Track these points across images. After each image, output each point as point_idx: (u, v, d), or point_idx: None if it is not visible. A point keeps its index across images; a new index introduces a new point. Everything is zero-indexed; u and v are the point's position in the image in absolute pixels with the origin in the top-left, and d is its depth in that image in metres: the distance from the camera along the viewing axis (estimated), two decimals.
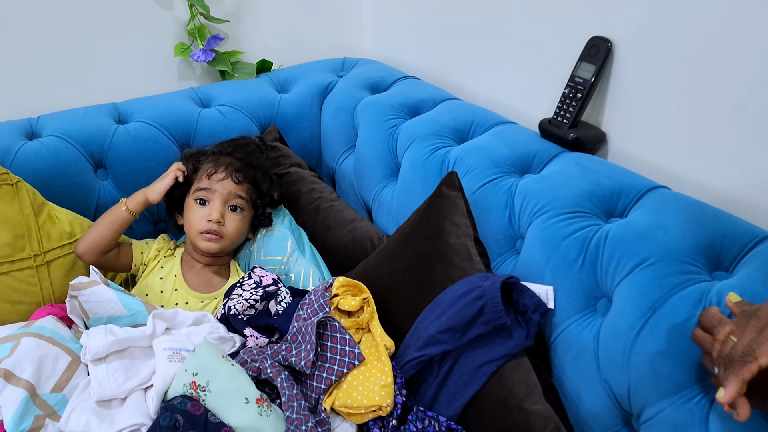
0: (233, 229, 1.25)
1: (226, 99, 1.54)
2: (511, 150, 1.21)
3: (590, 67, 1.18)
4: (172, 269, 1.27)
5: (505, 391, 0.95)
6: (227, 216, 1.24)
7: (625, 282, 0.92)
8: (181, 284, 1.26)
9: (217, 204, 1.23)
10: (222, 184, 1.24)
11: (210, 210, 1.23)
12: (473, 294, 0.96)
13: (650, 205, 1.00)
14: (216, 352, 0.99)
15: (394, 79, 1.60)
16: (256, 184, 1.29)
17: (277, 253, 1.29)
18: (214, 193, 1.24)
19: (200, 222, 1.23)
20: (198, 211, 1.24)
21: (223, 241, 1.24)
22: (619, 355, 0.89)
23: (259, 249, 1.30)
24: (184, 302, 1.24)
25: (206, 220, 1.22)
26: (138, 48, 1.59)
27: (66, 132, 1.36)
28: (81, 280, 1.11)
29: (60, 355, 1.03)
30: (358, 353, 1.01)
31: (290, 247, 1.29)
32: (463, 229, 1.06)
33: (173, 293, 1.25)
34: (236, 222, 1.25)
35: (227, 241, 1.25)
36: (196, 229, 1.24)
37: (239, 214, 1.26)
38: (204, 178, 1.25)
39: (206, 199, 1.24)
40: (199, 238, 1.24)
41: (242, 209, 1.26)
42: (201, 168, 1.27)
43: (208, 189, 1.24)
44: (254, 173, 1.30)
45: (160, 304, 1.24)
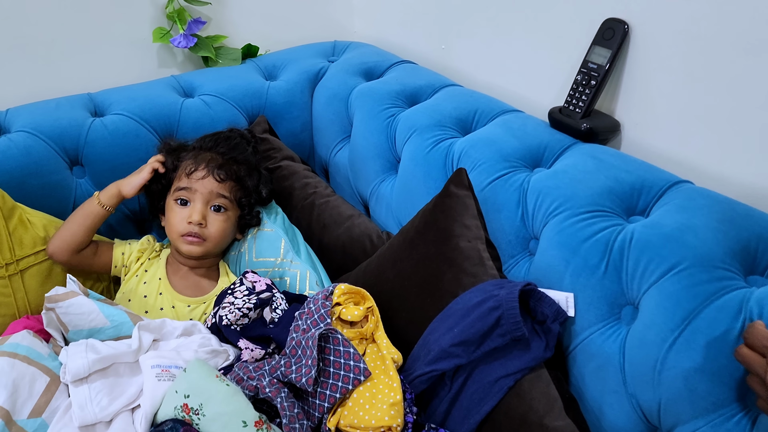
0: (216, 230, 1.16)
1: (210, 88, 1.44)
2: (520, 142, 1.13)
3: (605, 52, 1.10)
4: (157, 272, 1.19)
5: (524, 406, 0.88)
6: (210, 217, 1.15)
7: (654, 289, 0.85)
8: (166, 287, 1.17)
9: (198, 205, 1.14)
10: (203, 183, 1.15)
11: (190, 211, 1.14)
12: (488, 304, 0.88)
13: (675, 203, 0.93)
14: (209, 371, 0.91)
15: (389, 64, 1.50)
16: (241, 181, 1.20)
17: (270, 254, 1.20)
18: (194, 192, 1.15)
19: (181, 224, 1.14)
20: (178, 213, 1.15)
21: (206, 244, 1.16)
22: (649, 369, 0.83)
23: (250, 250, 1.22)
24: (170, 306, 1.15)
25: (187, 222, 1.14)
26: (113, 33, 1.48)
27: (37, 127, 1.25)
28: (57, 291, 1.02)
29: (37, 376, 0.94)
30: (364, 368, 0.93)
31: (284, 247, 1.21)
32: (474, 231, 0.98)
33: (158, 297, 1.17)
34: (219, 223, 1.16)
35: (210, 243, 1.16)
36: (176, 231, 1.15)
37: (223, 215, 1.17)
38: (183, 176, 1.16)
39: (187, 200, 1.15)
40: (181, 241, 1.15)
41: (226, 209, 1.17)
42: (180, 165, 1.18)
43: (188, 188, 1.15)
44: (238, 169, 1.20)
45: (144, 310, 1.16)
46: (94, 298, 1.04)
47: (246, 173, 1.21)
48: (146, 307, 1.16)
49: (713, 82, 0.99)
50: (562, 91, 1.24)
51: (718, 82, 0.98)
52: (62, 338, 1.05)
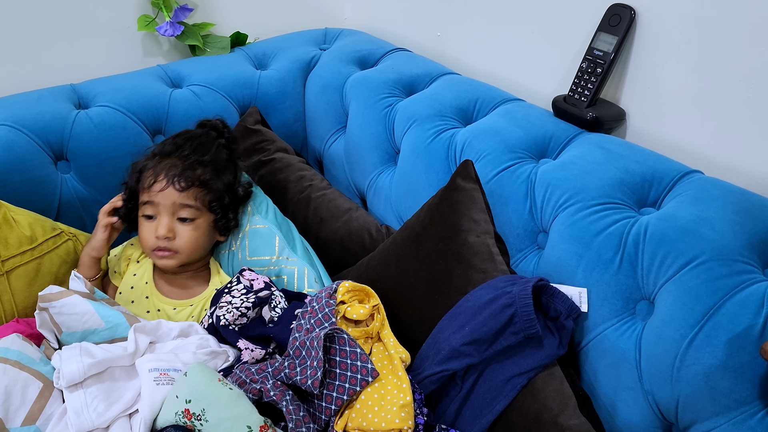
0: (186, 242, 1.09)
1: (199, 78, 1.38)
2: (525, 132, 1.10)
3: (611, 39, 1.07)
4: (144, 275, 1.14)
5: (538, 405, 0.86)
6: (177, 228, 1.08)
7: (672, 284, 0.82)
8: (152, 291, 1.13)
9: (163, 218, 1.08)
10: (164, 195, 1.07)
11: (156, 225, 1.08)
12: (501, 301, 0.86)
13: (688, 194, 0.91)
14: (211, 375, 0.87)
15: (384, 52, 1.46)
16: (207, 184, 1.09)
17: (265, 252, 1.16)
18: (157, 206, 1.08)
19: (149, 239, 1.08)
20: (146, 228, 1.09)
21: (178, 256, 1.10)
22: (667, 366, 0.81)
23: (243, 248, 1.17)
24: (155, 309, 1.11)
25: (154, 237, 1.08)
26: (96, 21, 1.42)
27: (19, 120, 1.19)
28: (51, 290, 0.98)
29: (29, 382, 0.90)
30: (372, 369, 0.90)
31: (279, 244, 1.16)
32: (483, 225, 0.95)
33: (143, 301, 1.13)
34: (188, 234, 1.09)
35: (183, 255, 1.10)
36: (147, 247, 1.10)
37: (190, 224, 1.09)
38: (145, 190, 1.09)
39: (152, 214, 1.09)
40: (154, 256, 1.10)
41: (194, 218, 1.09)
42: (143, 177, 1.10)
43: (151, 202, 1.08)
44: (203, 173, 1.09)
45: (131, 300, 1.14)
46: (99, 297, 1.00)
47: (213, 175, 1.10)
48: (132, 310, 1.12)
49: (724, 68, 0.97)
50: (564, 80, 1.21)
51: (729, 68, 0.96)
52: (56, 340, 1.01)
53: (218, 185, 1.11)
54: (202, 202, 1.09)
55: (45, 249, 1.12)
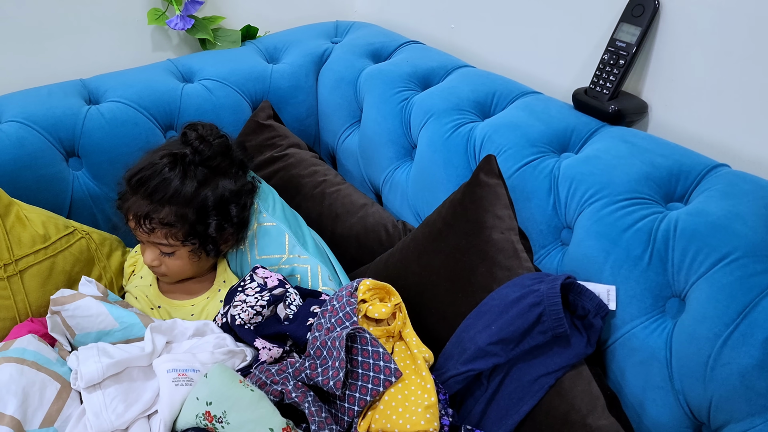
0: (171, 269, 1.09)
1: (210, 72, 1.36)
2: (546, 126, 1.08)
3: (634, 30, 1.05)
4: (148, 277, 1.15)
5: (566, 405, 0.84)
6: (162, 258, 1.08)
7: (704, 281, 0.81)
8: (155, 292, 1.13)
9: (148, 249, 1.07)
10: (138, 234, 1.06)
11: (143, 251, 1.09)
12: (528, 300, 0.84)
13: (717, 189, 0.89)
14: (232, 376, 0.86)
15: (397, 45, 1.44)
16: (172, 225, 1.03)
17: (274, 251, 1.13)
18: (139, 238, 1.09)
19: (146, 261, 1.09)
20: (141, 249, 1.11)
21: (170, 278, 1.11)
22: (700, 365, 0.79)
23: (251, 248, 1.14)
24: (157, 306, 1.11)
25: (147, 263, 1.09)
26: (105, 15, 1.39)
27: (29, 116, 1.17)
28: (63, 294, 0.96)
29: (47, 383, 0.88)
30: (395, 369, 0.88)
31: (289, 242, 1.13)
32: (507, 222, 0.93)
33: (145, 299, 1.12)
34: (172, 262, 1.08)
35: (174, 277, 1.11)
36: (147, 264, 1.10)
37: (172, 256, 1.07)
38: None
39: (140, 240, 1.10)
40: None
41: (173, 252, 1.06)
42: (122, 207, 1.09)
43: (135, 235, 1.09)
44: (166, 215, 1.02)
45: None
46: (112, 300, 0.99)
47: (178, 213, 1.02)
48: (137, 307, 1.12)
49: (750, 59, 0.95)
50: (583, 72, 1.19)
51: (756, 59, 0.94)
52: (68, 343, 0.99)
53: (187, 220, 1.03)
54: (174, 238, 1.04)
55: (58, 247, 1.11)
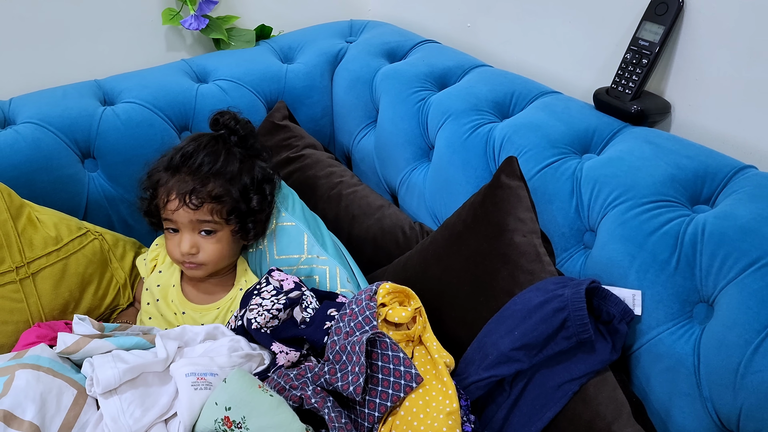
0: (210, 254, 1.06)
1: (225, 72, 1.35)
2: (567, 126, 1.06)
3: (657, 29, 1.03)
4: (171, 278, 1.12)
5: (590, 412, 0.83)
6: (200, 243, 1.05)
7: (734, 286, 0.79)
8: (177, 295, 1.11)
9: (185, 234, 1.05)
10: (180, 214, 1.03)
11: (179, 239, 1.05)
12: (552, 305, 0.82)
13: (745, 191, 0.87)
14: (251, 381, 0.84)
15: (413, 45, 1.42)
16: (220, 199, 1.04)
17: (293, 250, 1.12)
18: (177, 223, 1.05)
19: (175, 252, 1.06)
20: (171, 241, 1.07)
21: (205, 268, 1.07)
22: (730, 372, 0.77)
23: (270, 248, 1.13)
24: (180, 312, 1.09)
25: (180, 252, 1.05)
26: (119, 15, 1.38)
27: (44, 117, 1.17)
28: (66, 343, 0.91)
29: (64, 389, 0.87)
30: (416, 374, 0.87)
31: (307, 242, 1.12)
32: (529, 225, 0.91)
33: (170, 304, 1.10)
34: (211, 246, 1.06)
35: (210, 266, 1.07)
36: (174, 259, 1.08)
37: (213, 237, 1.06)
38: (162, 208, 1.06)
39: (175, 228, 1.06)
40: (182, 267, 1.09)
41: (215, 231, 1.06)
42: (157, 194, 1.06)
43: (170, 220, 1.05)
44: (213, 188, 1.03)
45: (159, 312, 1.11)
46: (109, 329, 0.97)
47: (225, 187, 1.04)
48: (161, 311, 1.10)
49: None
50: (603, 71, 1.17)
51: None
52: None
53: (232, 196, 1.05)
54: (219, 215, 1.04)
55: (71, 249, 1.10)
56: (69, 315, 1.08)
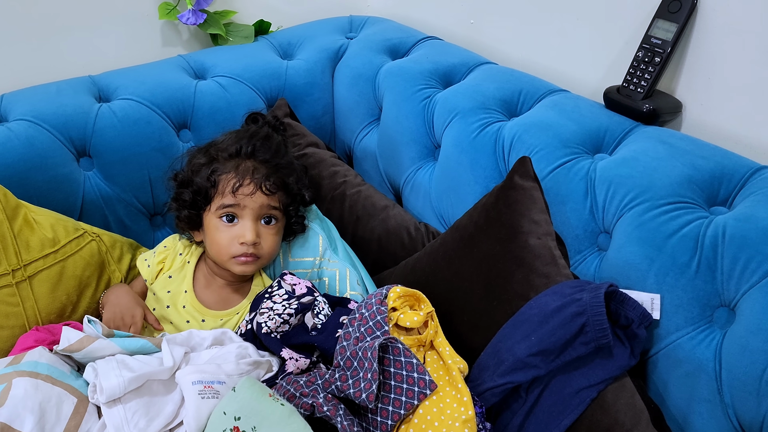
0: (270, 246, 1.03)
1: (224, 68, 1.32)
2: (578, 126, 1.04)
3: (670, 26, 1.01)
4: (182, 284, 1.07)
5: (609, 419, 0.81)
6: (261, 232, 1.03)
7: (757, 290, 0.77)
8: (191, 301, 1.06)
9: (249, 222, 1.01)
10: (252, 199, 1.01)
11: (242, 230, 1.01)
12: (570, 309, 0.80)
13: (764, 193, 0.86)
14: (262, 390, 0.82)
15: (415, 41, 1.40)
16: (288, 188, 1.06)
17: (308, 253, 1.10)
18: (243, 209, 1.01)
19: (231, 245, 1.01)
20: (227, 232, 1.01)
21: (260, 261, 1.04)
22: (754, 378, 0.75)
23: (285, 251, 1.11)
24: (199, 320, 1.04)
25: (239, 243, 1.01)
26: (114, 9, 1.35)
27: (39, 115, 1.13)
28: (70, 340, 0.88)
29: (63, 397, 0.84)
30: (430, 381, 0.84)
31: (322, 245, 1.10)
32: (544, 227, 0.89)
33: (181, 311, 1.06)
34: (272, 237, 1.04)
35: (265, 260, 1.05)
36: (228, 253, 1.02)
37: (274, 227, 1.04)
38: (228, 193, 1.01)
39: (234, 215, 1.02)
40: (233, 263, 1.02)
41: (277, 220, 1.05)
42: (221, 180, 1.02)
43: (236, 205, 1.01)
44: (285, 177, 1.06)
45: (168, 321, 1.06)
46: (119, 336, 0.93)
47: (291, 178, 1.07)
48: (170, 317, 1.06)
49: None
50: (612, 70, 1.15)
51: None
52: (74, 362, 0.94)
53: (294, 188, 1.07)
54: (282, 204, 1.05)
55: (68, 251, 1.06)
56: (66, 318, 1.04)
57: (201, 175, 1.03)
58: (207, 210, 1.04)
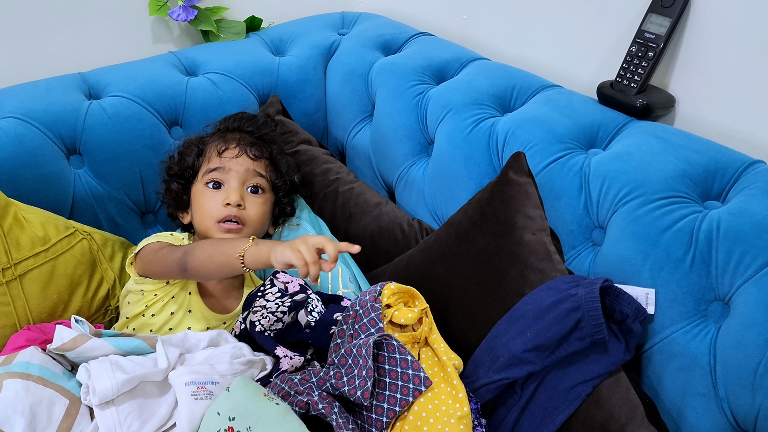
0: (255, 213, 1.03)
1: (215, 65, 1.31)
2: (572, 121, 1.04)
3: (663, 21, 1.01)
4: (187, 284, 1.04)
5: (603, 414, 0.81)
6: (247, 199, 1.03)
7: (751, 285, 0.77)
8: (198, 305, 1.04)
9: (234, 184, 1.02)
10: (237, 162, 1.03)
11: (226, 192, 1.01)
12: (566, 305, 0.80)
13: (757, 187, 0.86)
14: (256, 389, 0.81)
15: (408, 37, 1.39)
16: (274, 161, 1.09)
17: None
18: (228, 172, 1.02)
19: (216, 209, 1.01)
20: (212, 197, 1.02)
21: (245, 230, 1.02)
22: (748, 372, 0.75)
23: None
24: (205, 327, 1.03)
25: (223, 205, 1.00)
26: (103, 5, 1.33)
27: (28, 112, 1.11)
28: (63, 339, 0.87)
29: (55, 399, 0.83)
30: (425, 377, 0.84)
31: None
32: (538, 222, 0.89)
33: (186, 315, 1.03)
34: (258, 205, 1.03)
35: (250, 228, 1.03)
36: (212, 218, 1.01)
37: (261, 197, 1.05)
38: (214, 156, 1.04)
39: (220, 181, 1.03)
40: (217, 229, 1.01)
41: (263, 191, 1.05)
42: (207, 148, 1.06)
43: (221, 168, 1.02)
44: (270, 148, 1.10)
45: (168, 327, 1.03)
46: (107, 336, 0.91)
47: (278, 153, 1.10)
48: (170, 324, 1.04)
49: None
50: (605, 65, 1.15)
51: None
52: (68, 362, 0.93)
53: (281, 164, 1.10)
54: (269, 176, 1.07)
55: (59, 250, 1.05)
56: (57, 318, 1.03)
57: (190, 149, 1.08)
58: (195, 182, 1.06)
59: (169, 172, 1.08)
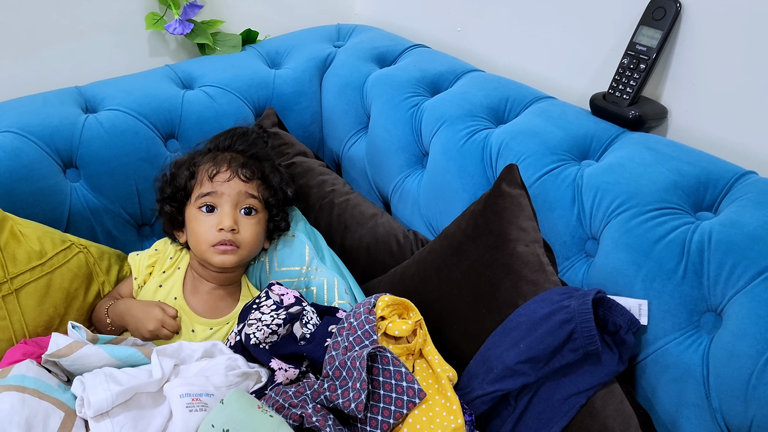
0: (249, 235, 1.04)
1: (211, 78, 1.31)
2: (565, 132, 1.04)
3: (655, 33, 1.02)
4: (172, 290, 1.06)
5: (598, 425, 0.81)
6: (241, 221, 1.03)
7: (743, 296, 0.77)
8: (183, 309, 1.06)
9: (227, 208, 1.03)
10: (229, 185, 1.03)
11: (220, 217, 1.02)
12: (559, 317, 0.80)
13: (749, 198, 0.86)
14: (250, 402, 0.81)
15: (402, 49, 1.40)
16: (266, 179, 1.09)
17: (295, 262, 1.09)
18: (221, 196, 1.03)
19: (210, 233, 1.02)
20: (205, 221, 1.03)
21: (240, 252, 1.03)
22: (741, 383, 0.76)
23: (271, 259, 1.11)
24: (189, 330, 1.04)
25: (217, 230, 1.01)
26: (100, 19, 1.34)
27: (24, 126, 1.12)
28: (59, 345, 0.88)
29: (50, 412, 0.83)
30: (419, 389, 0.84)
31: (309, 254, 1.10)
32: (532, 234, 0.89)
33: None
34: (252, 227, 1.04)
35: (244, 251, 1.04)
36: (206, 242, 1.02)
37: (254, 218, 1.05)
38: (206, 181, 1.04)
39: (213, 205, 1.03)
40: (211, 252, 1.02)
41: (257, 211, 1.06)
42: (199, 170, 1.06)
43: (213, 193, 1.03)
44: (262, 167, 1.09)
45: None
46: (102, 342, 0.92)
47: (270, 170, 1.10)
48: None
49: None
50: (598, 76, 1.16)
51: None
52: (63, 374, 0.93)
53: (274, 181, 1.10)
54: (261, 195, 1.07)
55: (55, 263, 1.06)
56: (53, 331, 1.03)
57: (181, 170, 1.07)
58: (188, 204, 1.06)
59: (162, 195, 1.09)
